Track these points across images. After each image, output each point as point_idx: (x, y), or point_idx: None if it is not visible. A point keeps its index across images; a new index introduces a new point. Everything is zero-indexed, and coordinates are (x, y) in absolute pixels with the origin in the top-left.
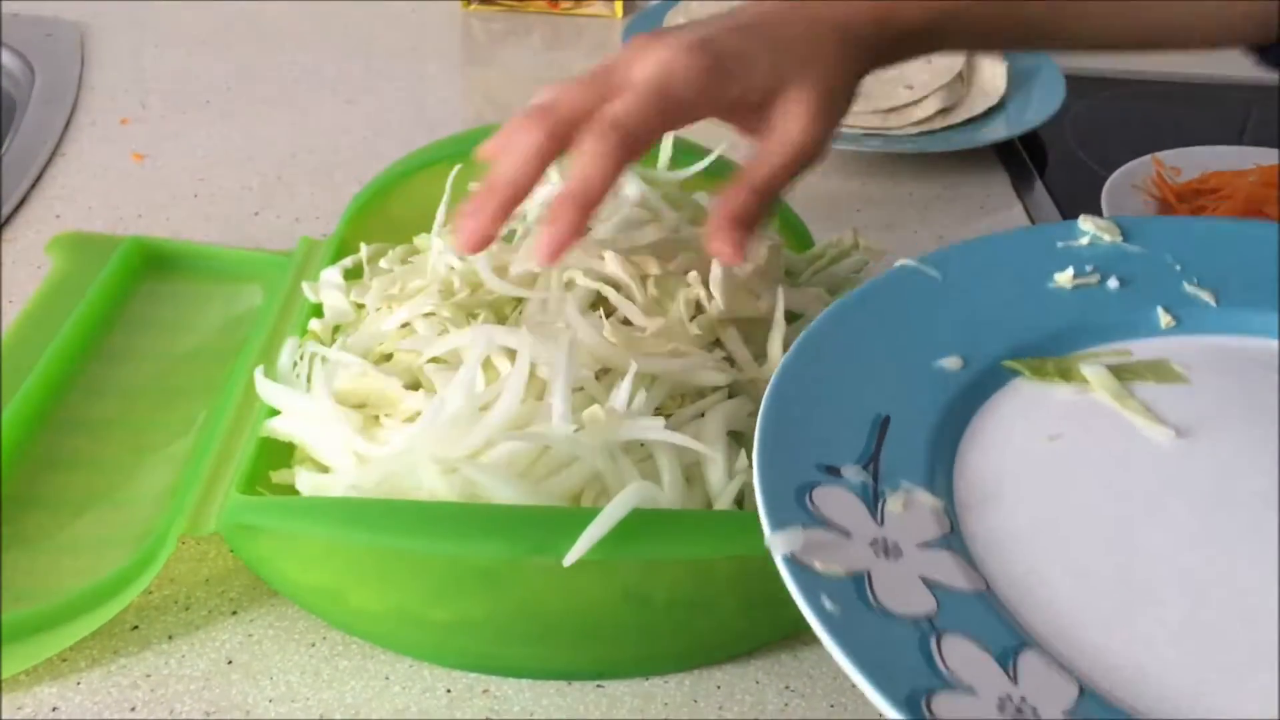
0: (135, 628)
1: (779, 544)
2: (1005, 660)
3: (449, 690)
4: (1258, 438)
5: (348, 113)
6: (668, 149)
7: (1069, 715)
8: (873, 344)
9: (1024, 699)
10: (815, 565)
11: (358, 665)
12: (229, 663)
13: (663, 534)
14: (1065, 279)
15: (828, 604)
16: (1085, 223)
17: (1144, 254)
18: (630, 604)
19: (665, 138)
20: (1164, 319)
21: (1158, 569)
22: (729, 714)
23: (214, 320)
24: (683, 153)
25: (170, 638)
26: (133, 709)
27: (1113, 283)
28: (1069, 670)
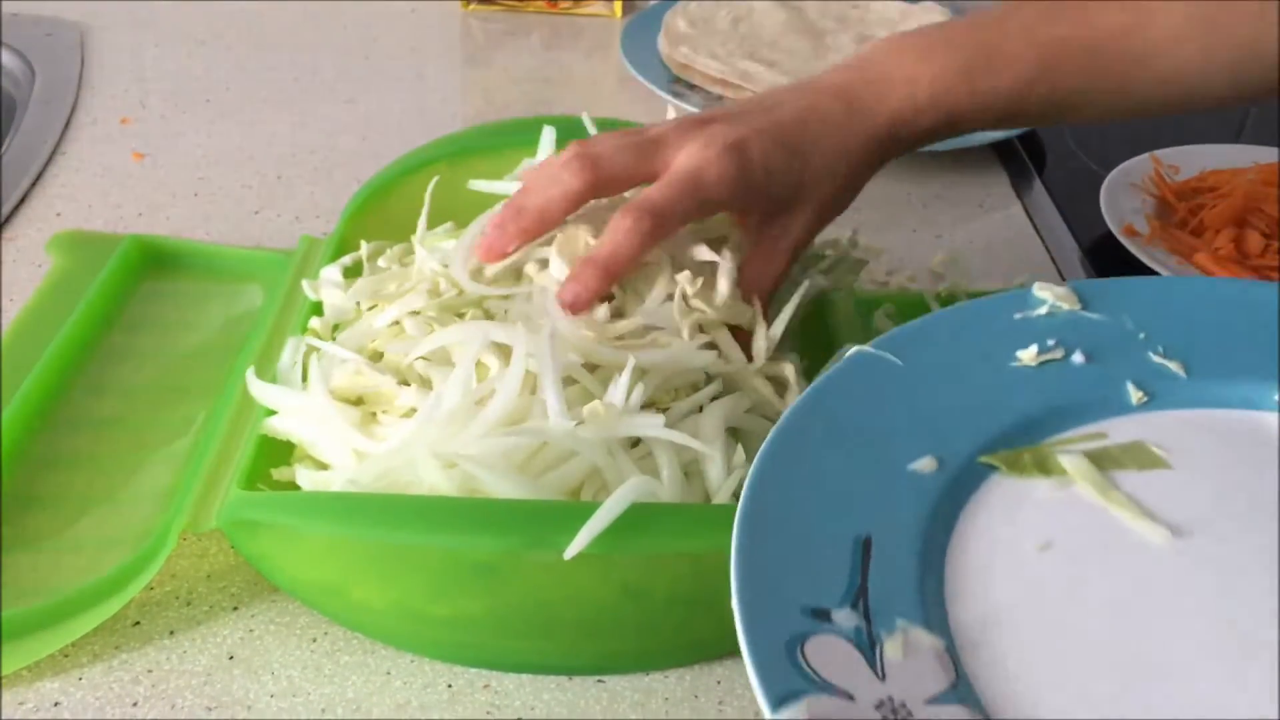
0: (137, 623)
1: None
2: None
3: (450, 685)
4: (1251, 529)
5: (347, 112)
6: None
7: None
8: (841, 450)
9: None
10: None
11: (359, 660)
12: (230, 658)
13: (662, 528)
14: (1029, 356)
15: None
16: (1041, 290)
17: (1105, 322)
18: (630, 598)
19: None
20: (1135, 395)
21: (1170, 693)
22: (729, 709)
23: (214, 319)
24: None
25: (172, 633)
26: (134, 704)
27: (1078, 357)
28: None
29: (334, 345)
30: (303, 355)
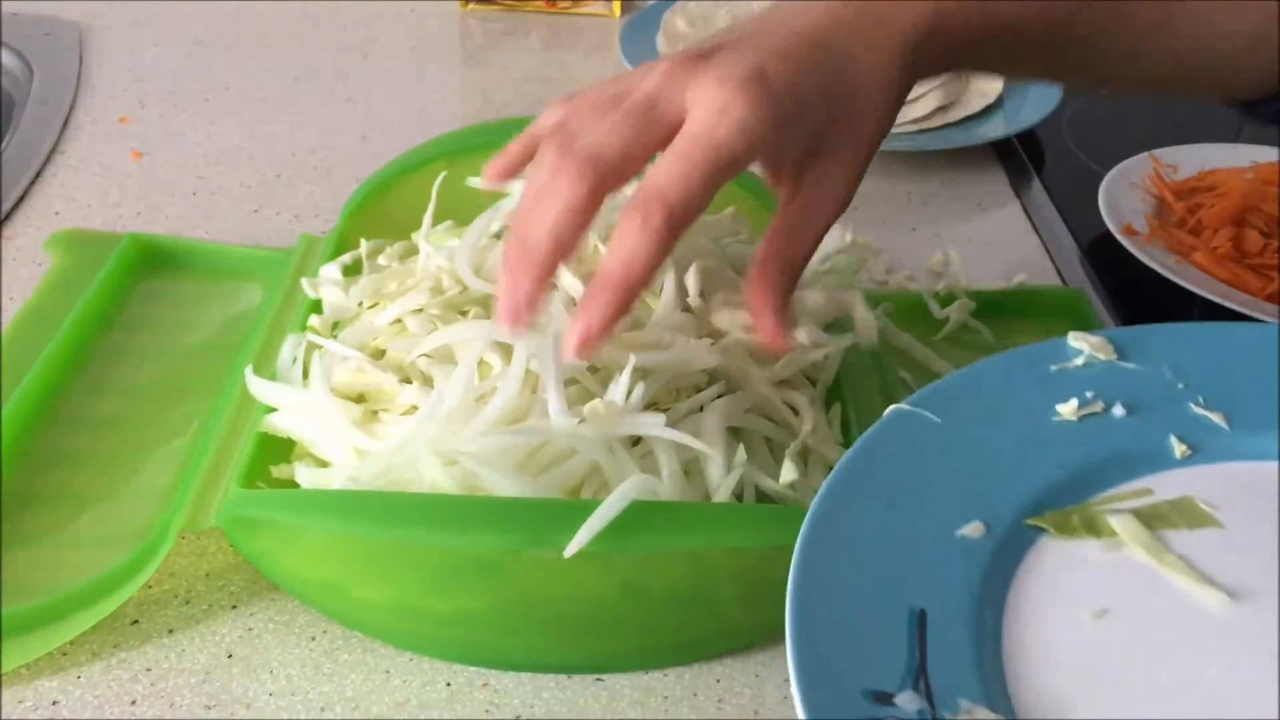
0: (135, 622)
1: None
2: None
3: (449, 684)
4: None
5: (346, 111)
6: None
7: None
8: (887, 515)
9: None
10: None
11: (358, 659)
12: (229, 656)
13: (662, 526)
14: (1070, 411)
15: None
16: (1076, 341)
17: (1143, 372)
18: (630, 597)
19: None
20: (1179, 448)
21: None
22: (728, 707)
23: (213, 317)
24: None
25: (170, 632)
26: (133, 702)
27: (1118, 410)
28: None
29: (335, 343)
30: (303, 353)
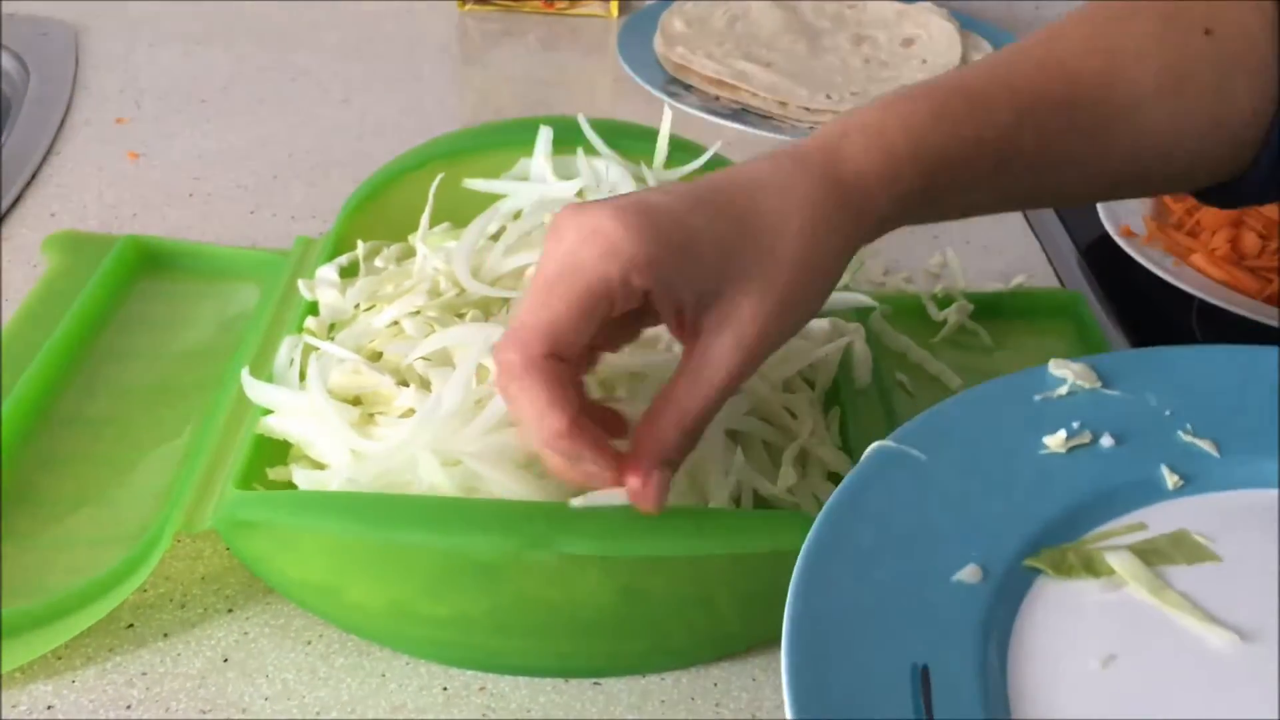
0: (130, 626)
1: None
2: None
3: (445, 688)
4: None
5: (343, 112)
6: (663, 148)
7: None
8: (879, 562)
9: None
10: None
11: (354, 663)
12: (225, 660)
13: (660, 530)
14: (1057, 443)
15: None
16: (1058, 369)
17: (1128, 400)
18: (627, 600)
19: (661, 137)
20: (1170, 479)
21: None
22: (726, 711)
23: (210, 319)
24: (677, 149)
25: (166, 636)
26: (128, 707)
27: (1106, 440)
28: None
29: (332, 344)
30: (299, 355)
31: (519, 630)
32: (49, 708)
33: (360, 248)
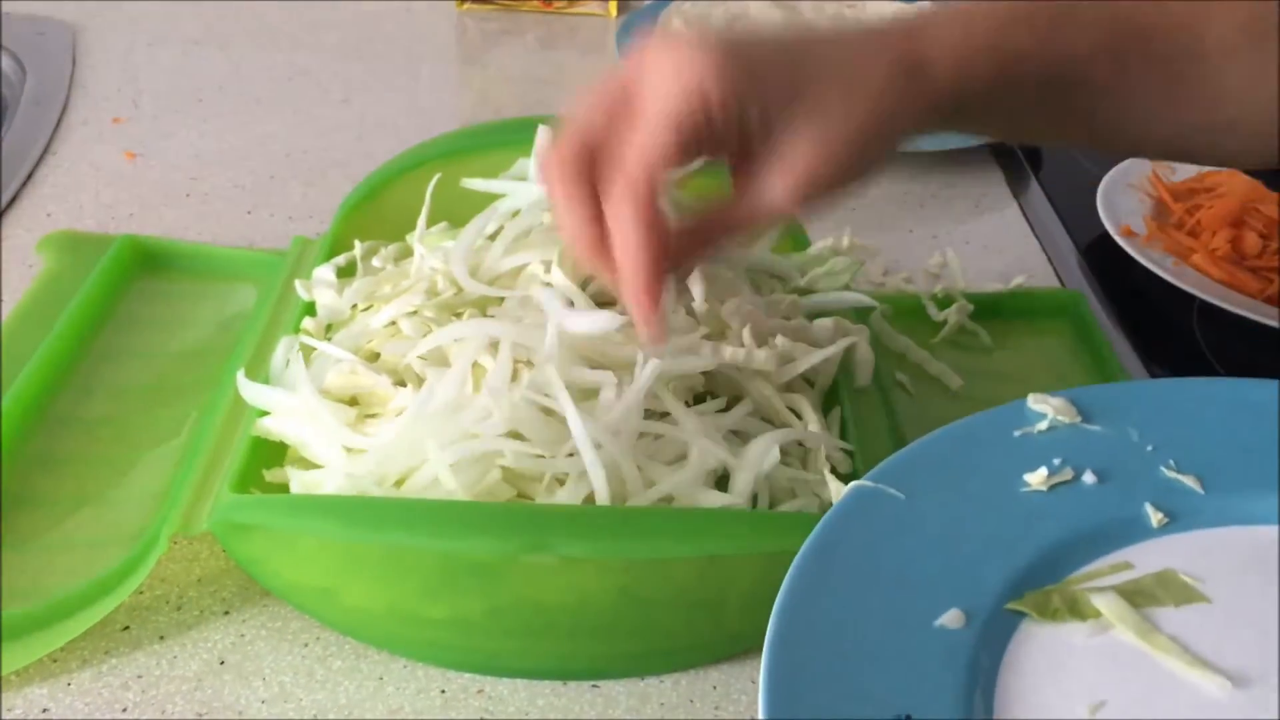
0: (127, 628)
1: None
2: None
3: (443, 691)
4: None
5: (341, 111)
6: None
7: None
8: (859, 606)
9: None
10: None
11: (351, 665)
12: (221, 663)
13: (659, 532)
14: (1039, 480)
15: None
16: (1037, 404)
17: (1109, 435)
18: (626, 602)
19: None
20: (1155, 517)
21: None
22: (725, 713)
23: (207, 319)
24: None
25: (162, 638)
26: (124, 710)
27: (1089, 477)
28: None
29: (329, 345)
30: (296, 355)
31: (517, 632)
32: (44, 710)
33: (358, 248)
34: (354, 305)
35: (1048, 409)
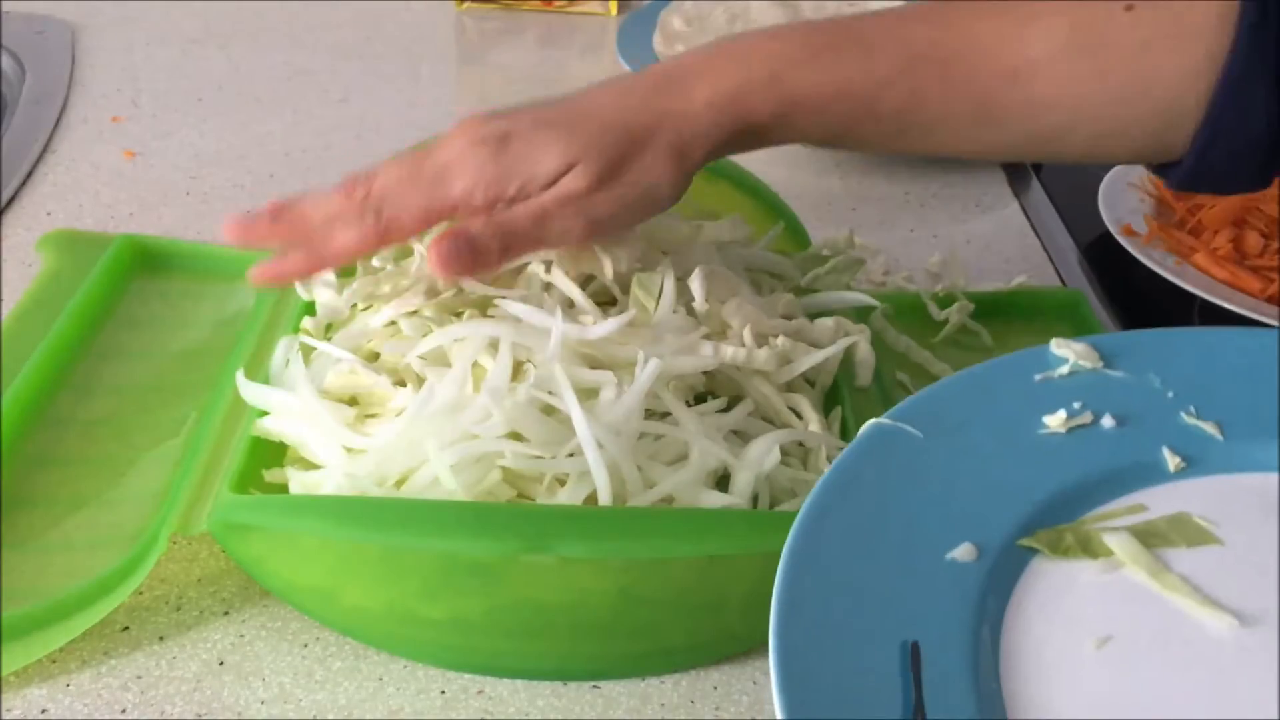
0: (126, 628)
1: None
2: None
3: (443, 691)
4: None
5: (341, 111)
6: None
7: None
8: (872, 539)
9: None
10: None
11: (351, 666)
12: (221, 664)
13: (659, 532)
14: (1057, 423)
15: None
16: (1059, 348)
17: (1130, 381)
18: (626, 602)
19: None
20: (1172, 461)
21: None
22: (726, 714)
23: (206, 319)
24: None
25: (161, 639)
26: (123, 711)
27: (1107, 421)
28: None
29: (329, 344)
30: (296, 355)
31: (517, 633)
32: (43, 711)
33: None
34: (354, 305)
35: (1069, 354)
